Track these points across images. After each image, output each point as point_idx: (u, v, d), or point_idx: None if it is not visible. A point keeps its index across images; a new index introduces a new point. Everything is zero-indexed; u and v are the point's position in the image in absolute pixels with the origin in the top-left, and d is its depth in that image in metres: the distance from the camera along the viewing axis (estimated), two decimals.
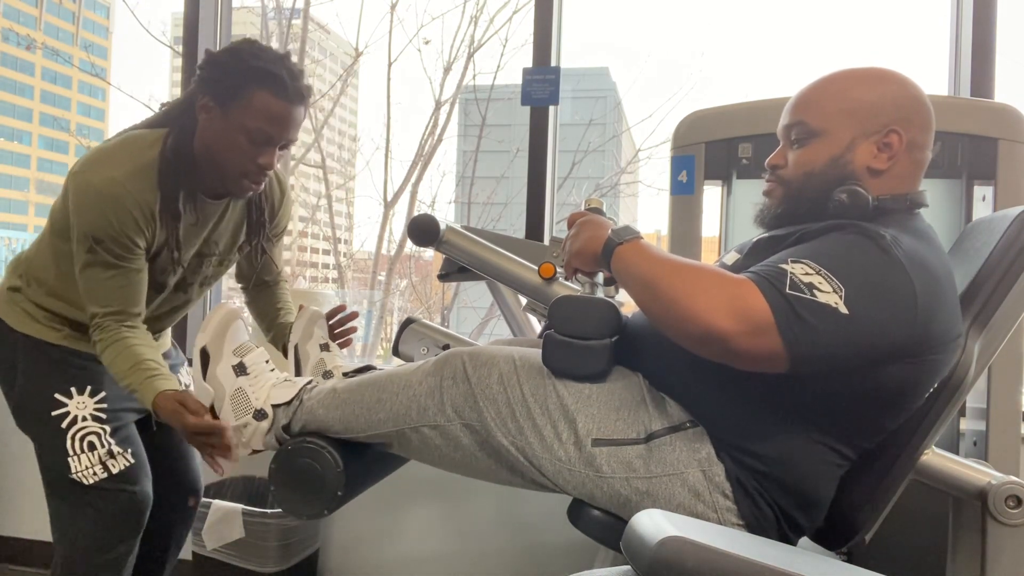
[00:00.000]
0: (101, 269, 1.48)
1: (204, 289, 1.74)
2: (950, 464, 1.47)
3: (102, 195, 1.44)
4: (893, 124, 1.17)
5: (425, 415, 1.23)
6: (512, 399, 1.19)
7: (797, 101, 1.25)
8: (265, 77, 1.44)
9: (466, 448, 1.22)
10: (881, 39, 4.00)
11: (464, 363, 1.23)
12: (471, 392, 1.21)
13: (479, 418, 1.20)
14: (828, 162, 1.20)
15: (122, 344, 1.49)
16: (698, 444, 1.15)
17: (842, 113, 1.19)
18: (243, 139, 1.45)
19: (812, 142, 1.21)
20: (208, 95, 1.46)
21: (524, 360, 1.23)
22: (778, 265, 1.04)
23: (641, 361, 1.24)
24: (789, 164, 1.24)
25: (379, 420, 1.26)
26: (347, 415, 1.29)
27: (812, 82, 1.25)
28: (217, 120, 1.46)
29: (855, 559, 1.34)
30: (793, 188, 1.23)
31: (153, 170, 1.48)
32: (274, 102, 1.44)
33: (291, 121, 1.48)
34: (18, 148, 8.63)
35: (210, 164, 1.50)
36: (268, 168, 1.49)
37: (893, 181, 1.19)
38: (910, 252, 1.07)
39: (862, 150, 1.18)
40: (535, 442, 1.18)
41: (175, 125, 1.51)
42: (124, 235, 1.46)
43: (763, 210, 1.29)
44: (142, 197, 1.46)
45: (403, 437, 1.25)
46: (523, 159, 2.63)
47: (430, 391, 1.23)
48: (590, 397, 1.18)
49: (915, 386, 1.15)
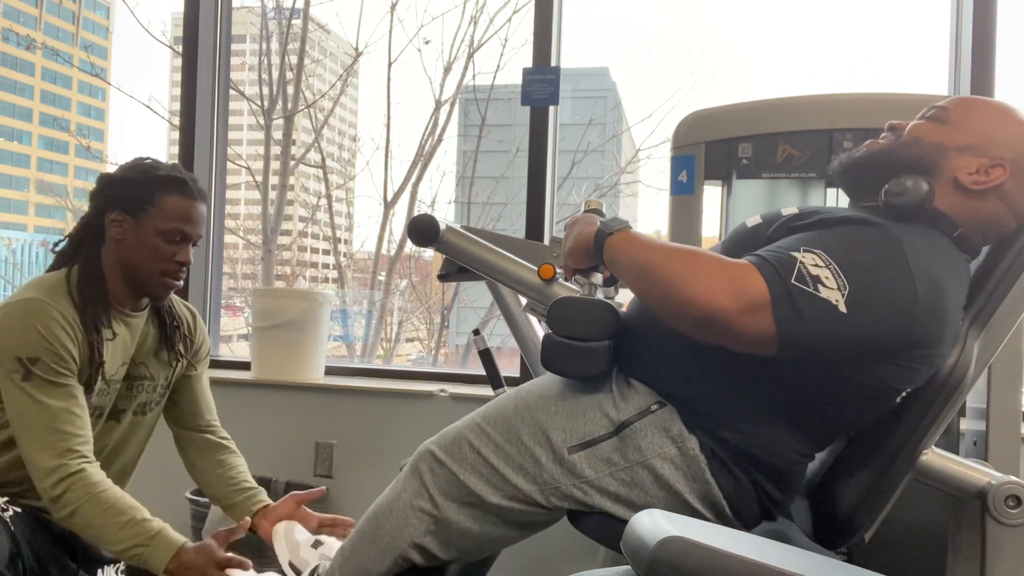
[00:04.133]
0: (43, 393, 1.44)
1: (139, 421, 1.70)
2: (950, 464, 1.47)
3: (25, 313, 1.47)
4: (1006, 161, 1.17)
5: (423, 515, 1.24)
6: (488, 456, 1.21)
7: (955, 98, 1.27)
8: (172, 182, 1.58)
9: (472, 528, 1.23)
10: (881, 39, 3.99)
11: (434, 452, 1.25)
12: (451, 472, 1.23)
13: (467, 491, 1.21)
14: (934, 144, 1.20)
15: (96, 490, 1.42)
16: (668, 423, 1.16)
17: (978, 124, 1.20)
18: (160, 241, 1.57)
19: (937, 123, 1.22)
20: (117, 210, 1.57)
21: (487, 416, 1.25)
22: (789, 252, 1.05)
23: (615, 343, 1.24)
24: (907, 128, 1.25)
25: (388, 545, 1.26)
26: (360, 558, 1.29)
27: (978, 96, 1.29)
28: (130, 231, 1.57)
29: (855, 559, 1.35)
30: (895, 145, 1.23)
31: (65, 290, 1.53)
32: (184, 202, 1.58)
33: (200, 217, 1.62)
34: (18, 148, 8.64)
35: (129, 272, 1.58)
36: (186, 264, 1.60)
37: (964, 209, 1.18)
38: (924, 262, 1.07)
39: (965, 159, 1.18)
40: (520, 480, 1.19)
41: (78, 252, 1.59)
42: (59, 344, 1.46)
43: (847, 154, 1.29)
44: (63, 308, 1.50)
45: (420, 548, 1.25)
46: (523, 159, 2.63)
47: (416, 492, 1.25)
48: (557, 412, 1.20)
49: (891, 388, 1.16)
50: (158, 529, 1.44)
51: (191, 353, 1.76)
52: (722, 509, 1.16)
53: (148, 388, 1.69)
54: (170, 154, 4.82)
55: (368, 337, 4.56)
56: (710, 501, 1.16)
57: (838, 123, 1.76)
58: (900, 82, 3.73)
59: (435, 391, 2.57)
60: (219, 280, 3.12)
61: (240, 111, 4.40)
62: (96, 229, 1.59)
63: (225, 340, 3.48)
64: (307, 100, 4.57)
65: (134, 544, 1.42)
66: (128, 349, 1.64)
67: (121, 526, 1.42)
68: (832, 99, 1.79)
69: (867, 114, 1.73)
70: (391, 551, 1.25)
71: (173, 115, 4.28)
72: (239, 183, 4.56)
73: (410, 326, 4.84)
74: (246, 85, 4.40)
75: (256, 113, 4.42)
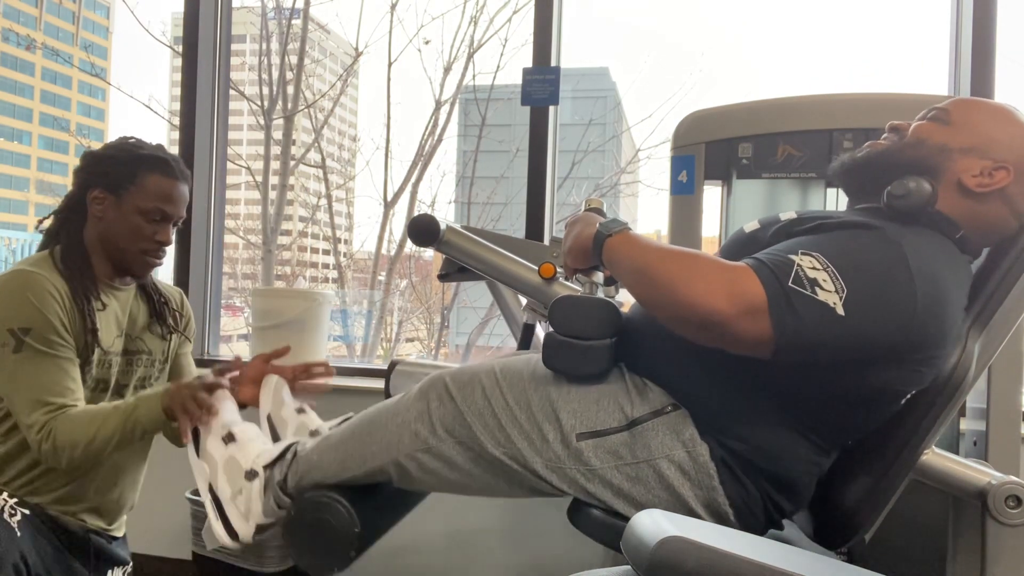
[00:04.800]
0: (35, 364, 1.46)
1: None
2: (950, 464, 1.47)
3: (18, 283, 1.48)
4: (1010, 164, 1.17)
5: (417, 439, 1.23)
6: (497, 410, 1.20)
7: (956, 99, 1.26)
8: (154, 162, 1.59)
9: (462, 467, 1.22)
10: (881, 39, 4.00)
11: (447, 384, 1.24)
12: (458, 410, 1.22)
13: (469, 434, 1.21)
14: (938, 146, 1.19)
15: (74, 415, 1.45)
16: (681, 426, 1.16)
17: (981, 126, 1.20)
18: (140, 220, 1.58)
19: (940, 124, 1.21)
20: (99, 187, 1.58)
21: (505, 370, 1.24)
22: (787, 255, 1.04)
23: (624, 346, 1.24)
24: (910, 129, 1.24)
25: (373, 453, 1.26)
26: (342, 454, 1.29)
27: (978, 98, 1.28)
28: (111, 208, 1.58)
29: (855, 559, 1.35)
30: (898, 146, 1.23)
31: (51, 264, 1.54)
32: (165, 182, 1.59)
33: (181, 198, 1.62)
34: (18, 148, 8.64)
35: (110, 249, 1.60)
36: (166, 243, 1.61)
37: (967, 211, 1.18)
38: (925, 264, 1.06)
39: (969, 161, 1.18)
40: (525, 447, 1.18)
41: (62, 230, 1.59)
42: (51, 312, 1.47)
43: (849, 154, 1.28)
44: (54, 279, 1.51)
45: (400, 467, 1.25)
46: (523, 159, 2.63)
47: (419, 415, 1.24)
48: (570, 393, 1.19)
49: (895, 390, 1.16)
50: (136, 397, 1.49)
51: (183, 326, 1.79)
52: (726, 516, 1.15)
53: (147, 362, 1.71)
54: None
55: (368, 337, 4.57)
56: (714, 508, 1.15)
57: (838, 123, 1.76)
58: (900, 82, 3.73)
59: None
60: (219, 280, 3.11)
61: (240, 111, 4.40)
62: (79, 206, 1.60)
63: (225, 340, 3.48)
64: (307, 100, 4.57)
65: (123, 421, 1.45)
66: (120, 322, 1.65)
67: (103, 420, 1.45)
68: (832, 99, 1.79)
69: (867, 114, 1.73)
70: (374, 460, 1.26)
71: (173, 115, 4.29)
72: (239, 183, 4.56)
73: (410, 326, 4.85)
74: (246, 85, 4.40)
75: (256, 113, 4.43)
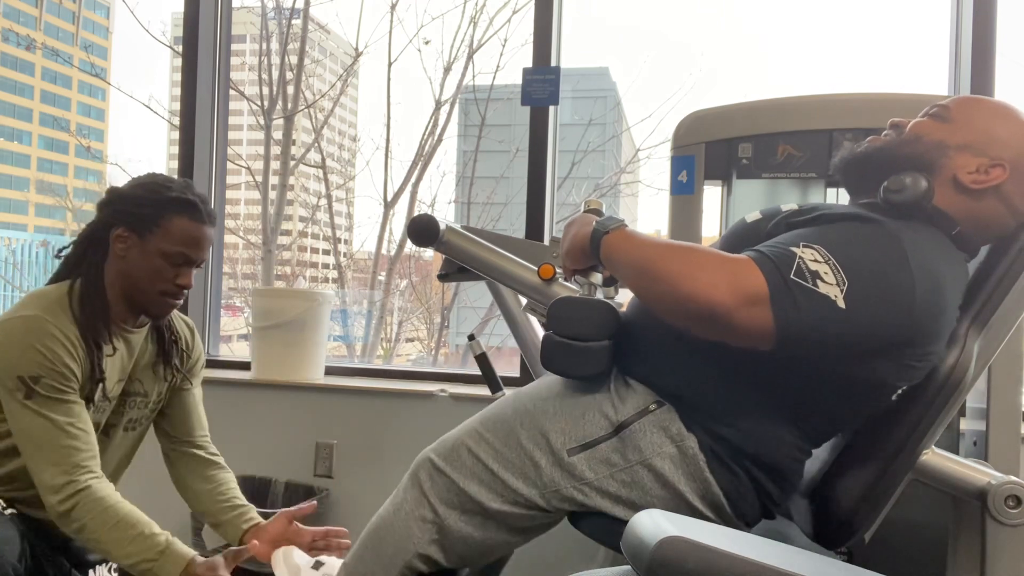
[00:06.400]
0: (47, 411, 1.43)
1: (127, 437, 1.69)
2: (950, 464, 1.47)
3: (25, 331, 1.45)
4: (1006, 161, 1.18)
5: (425, 524, 1.23)
6: (488, 461, 1.21)
7: (958, 97, 1.27)
8: (181, 205, 1.55)
9: (474, 535, 1.22)
10: (881, 39, 3.99)
11: (432, 460, 1.25)
12: (450, 480, 1.22)
13: (469, 498, 1.21)
14: (935, 142, 1.20)
15: (104, 505, 1.43)
16: (668, 422, 1.16)
17: (979, 123, 1.20)
18: (163, 263, 1.54)
19: (939, 121, 1.22)
20: (123, 226, 1.54)
21: (486, 422, 1.25)
22: (788, 247, 1.05)
23: (617, 345, 1.24)
24: (908, 125, 1.25)
25: (392, 557, 1.24)
26: (365, 573, 1.27)
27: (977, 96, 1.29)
28: (134, 248, 1.54)
29: (855, 559, 1.35)
30: (896, 142, 1.24)
31: (66, 305, 1.51)
32: (191, 226, 1.55)
33: (206, 242, 1.59)
34: (18, 148, 8.63)
35: (129, 289, 1.56)
36: (187, 287, 1.58)
37: (963, 208, 1.19)
38: (923, 260, 1.07)
39: (965, 157, 1.18)
40: (521, 485, 1.19)
41: (82, 263, 1.56)
42: (59, 362, 1.45)
43: (849, 149, 1.29)
44: (63, 325, 1.48)
45: (424, 559, 1.24)
46: (523, 159, 2.63)
47: (417, 501, 1.24)
48: (556, 415, 1.20)
49: (887, 384, 1.17)
50: (166, 543, 1.45)
51: (187, 367, 1.75)
52: (722, 507, 1.16)
53: (140, 404, 1.68)
54: (170, 154, 4.83)
55: (368, 337, 4.57)
56: (710, 499, 1.16)
57: (838, 123, 1.76)
58: (900, 82, 3.72)
59: (435, 391, 2.57)
60: (219, 280, 3.12)
61: (240, 111, 4.40)
62: (101, 242, 1.57)
63: (225, 340, 3.48)
64: (307, 100, 4.57)
65: (143, 559, 1.42)
66: (126, 366, 1.62)
67: (130, 540, 1.42)
68: (832, 99, 1.79)
69: (867, 114, 1.73)
70: (396, 562, 1.24)
71: (173, 115, 4.28)
72: (239, 183, 4.56)
73: (410, 326, 4.84)
74: (246, 85, 4.40)
75: (256, 113, 4.42)
